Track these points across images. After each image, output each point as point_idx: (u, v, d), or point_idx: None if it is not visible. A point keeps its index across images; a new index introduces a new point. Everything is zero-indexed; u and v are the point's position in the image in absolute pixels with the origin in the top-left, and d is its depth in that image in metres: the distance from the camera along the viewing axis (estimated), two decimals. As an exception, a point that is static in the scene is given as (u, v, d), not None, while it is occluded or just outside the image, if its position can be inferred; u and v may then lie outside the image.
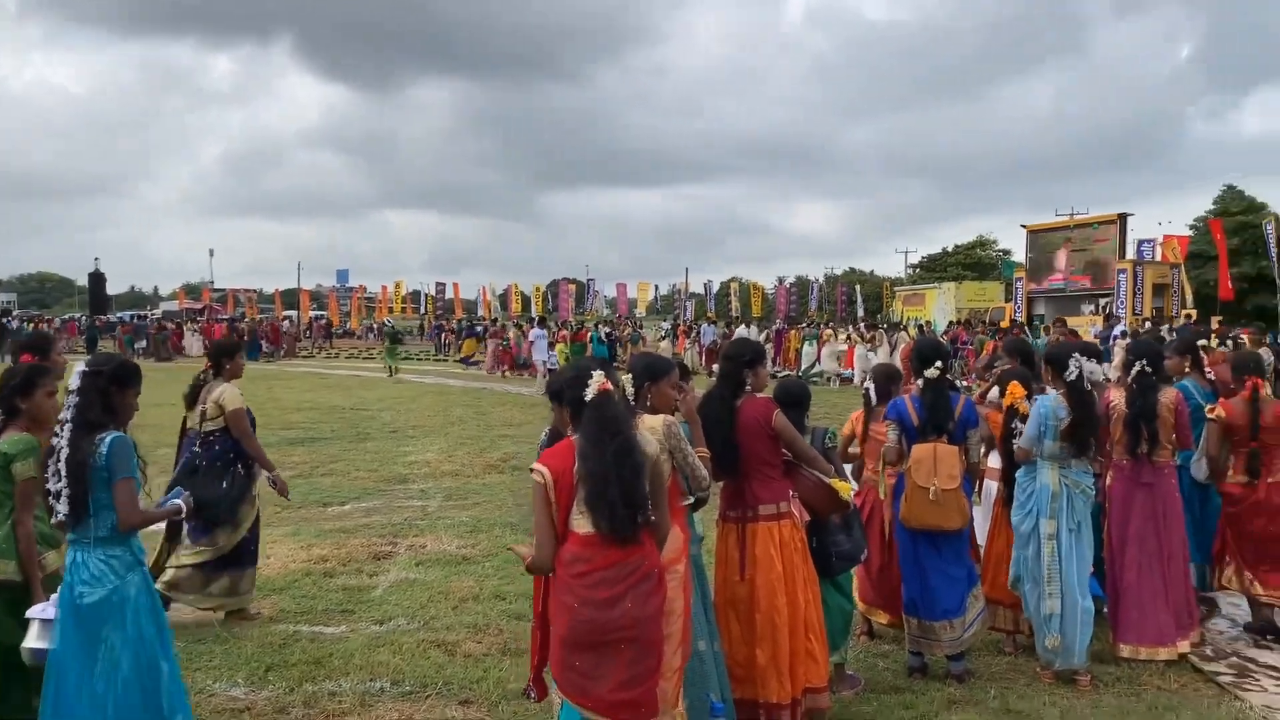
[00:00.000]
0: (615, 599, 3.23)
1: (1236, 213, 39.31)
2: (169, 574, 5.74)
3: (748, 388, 4.39)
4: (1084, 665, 4.96)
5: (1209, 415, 5.66)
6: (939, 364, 5.02)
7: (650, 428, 3.57)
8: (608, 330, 32.09)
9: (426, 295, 60.62)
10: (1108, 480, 5.46)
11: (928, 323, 34.19)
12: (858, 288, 54.88)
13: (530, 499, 3.45)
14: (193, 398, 5.96)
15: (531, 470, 3.37)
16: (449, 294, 60.99)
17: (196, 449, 5.82)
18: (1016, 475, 5.19)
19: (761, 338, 27.04)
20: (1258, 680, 5.01)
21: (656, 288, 65.15)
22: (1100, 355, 5.78)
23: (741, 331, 22.15)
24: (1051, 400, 5.04)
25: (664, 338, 36.48)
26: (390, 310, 60.99)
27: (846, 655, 4.98)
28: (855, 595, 5.29)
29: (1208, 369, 6.39)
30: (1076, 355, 5.02)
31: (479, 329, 37.98)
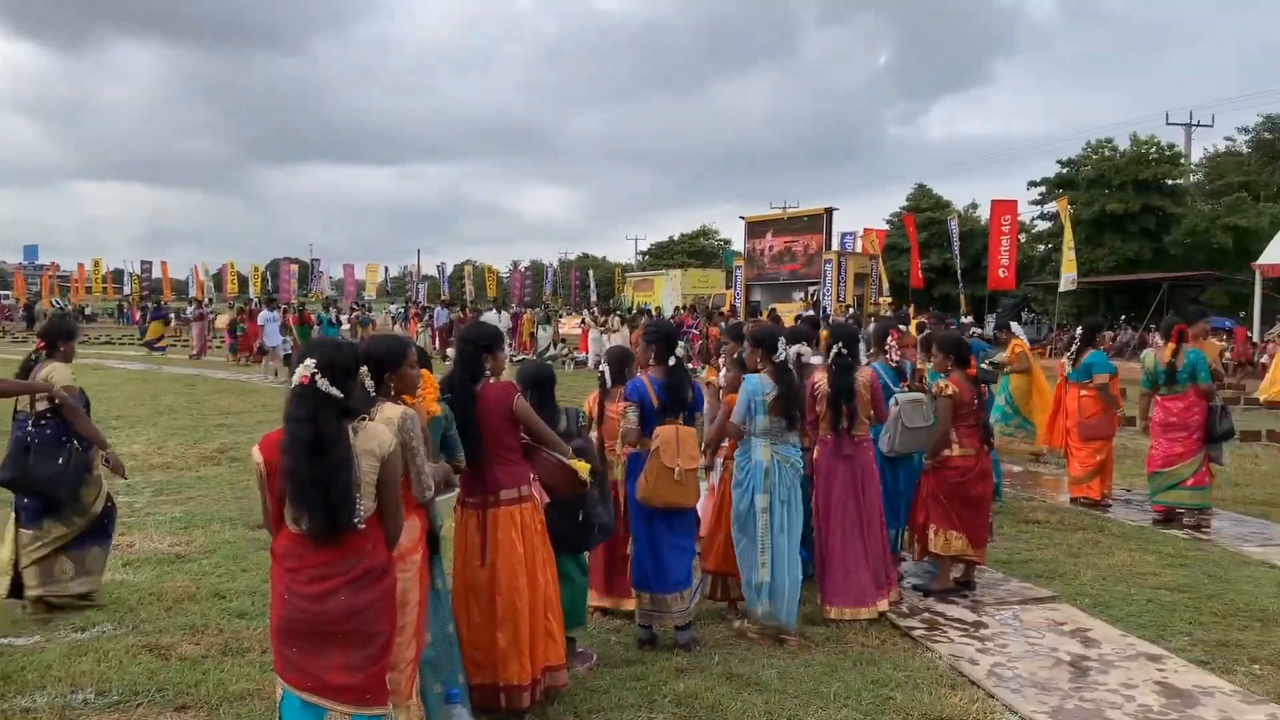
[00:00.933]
0: (327, 594, 3.12)
1: (926, 209, 43.31)
2: (30, 569, 5.56)
3: (486, 371, 4.39)
4: (793, 628, 5.34)
5: (944, 392, 6.19)
6: (682, 346, 5.26)
7: (387, 419, 3.47)
8: (338, 312, 30.89)
9: (131, 274, 55.82)
10: (815, 455, 5.90)
11: (657, 308, 35.41)
12: (591, 273, 55.88)
13: (251, 490, 3.31)
14: (23, 377, 5.67)
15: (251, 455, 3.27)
16: (156, 273, 56.46)
17: (30, 428, 5.55)
18: (735, 454, 5.51)
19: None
20: (945, 633, 5.58)
21: (386, 269, 63.58)
22: (809, 339, 6.26)
23: (490, 317, 21.86)
24: (757, 378, 5.38)
25: (395, 321, 35.60)
26: (89, 290, 55.70)
27: (583, 632, 5.10)
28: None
29: (896, 352, 7.00)
30: (783, 337, 5.42)
31: (165, 311, 35.03)
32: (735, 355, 6.18)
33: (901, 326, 7.44)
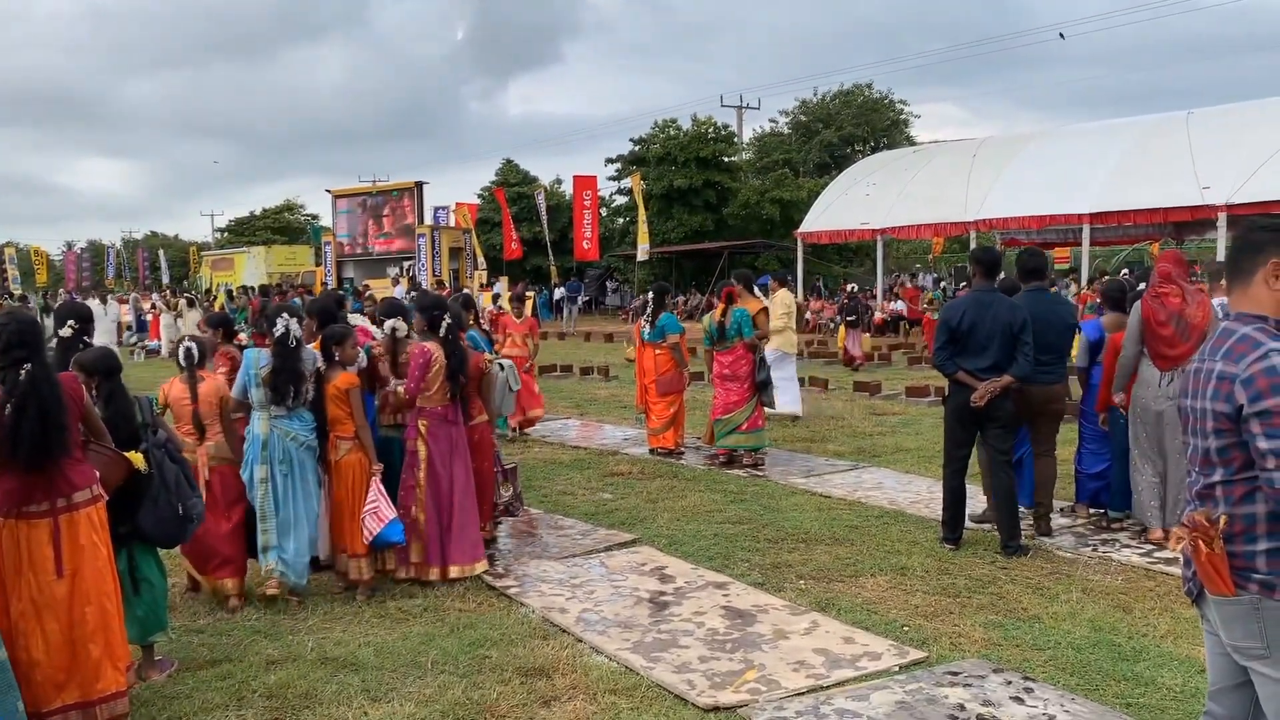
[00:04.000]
0: None
1: (515, 184, 44.34)
2: None
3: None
4: (304, 587, 5.59)
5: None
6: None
7: None
8: None
9: None
10: (421, 425, 5.89)
11: (239, 288, 33.26)
12: (162, 253, 51.46)
13: None
14: None
15: None
16: None
17: None
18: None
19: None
20: (538, 588, 5.83)
21: (-101, 255, 54.27)
22: (407, 313, 6.31)
23: (94, 306, 19.04)
24: (255, 352, 5.53)
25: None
26: None
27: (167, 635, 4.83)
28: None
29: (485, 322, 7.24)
30: (285, 314, 5.47)
31: None
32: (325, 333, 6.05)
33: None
